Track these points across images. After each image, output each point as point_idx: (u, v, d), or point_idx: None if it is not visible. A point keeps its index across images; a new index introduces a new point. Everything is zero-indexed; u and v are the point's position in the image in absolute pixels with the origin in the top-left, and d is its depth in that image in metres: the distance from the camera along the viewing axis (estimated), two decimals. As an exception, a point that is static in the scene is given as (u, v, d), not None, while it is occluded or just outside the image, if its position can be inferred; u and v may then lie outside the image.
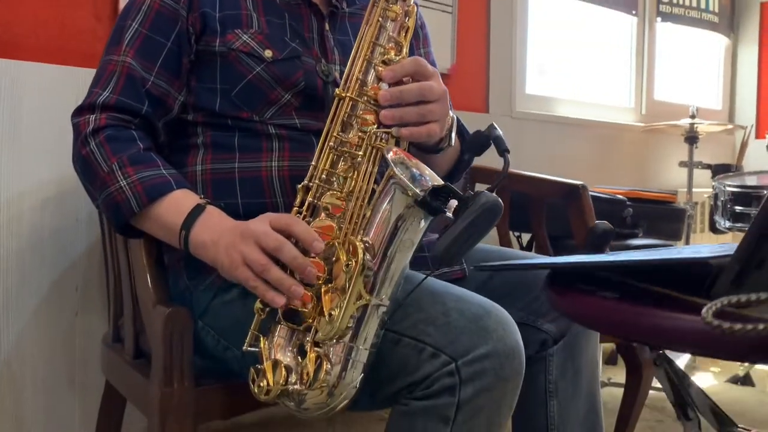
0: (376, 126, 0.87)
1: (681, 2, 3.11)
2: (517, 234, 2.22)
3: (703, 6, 3.19)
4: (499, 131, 0.87)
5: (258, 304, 0.83)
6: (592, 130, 2.78)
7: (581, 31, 2.86)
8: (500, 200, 0.70)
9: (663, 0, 3.05)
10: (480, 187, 2.05)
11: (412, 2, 0.94)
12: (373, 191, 0.85)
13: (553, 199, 1.91)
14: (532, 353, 1.05)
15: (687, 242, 2.67)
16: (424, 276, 0.85)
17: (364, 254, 0.77)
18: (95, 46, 1.61)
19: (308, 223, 0.85)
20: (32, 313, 1.54)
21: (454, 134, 1.00)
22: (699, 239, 2.94)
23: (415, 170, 0.82)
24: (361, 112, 0.88)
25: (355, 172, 0.86)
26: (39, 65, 1.53)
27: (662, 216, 2.41)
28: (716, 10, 3.25)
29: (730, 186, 2.29)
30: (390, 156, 0.81)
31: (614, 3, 2.85)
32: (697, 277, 0.41)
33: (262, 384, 0.80)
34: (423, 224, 0.78)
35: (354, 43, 0.93)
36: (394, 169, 0.77)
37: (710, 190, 2.74)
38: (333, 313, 0.77)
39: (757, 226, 0.36)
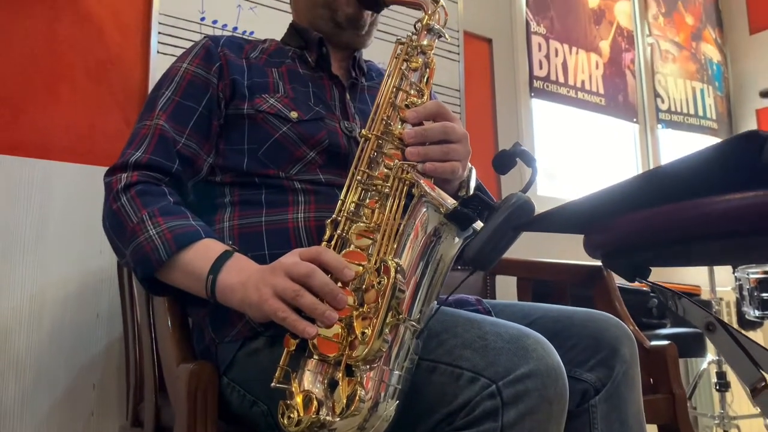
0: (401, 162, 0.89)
1: (679, 110, 3.24)
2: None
3: (701, 113, 3.32)
4: (524, 147, 0.88)
5: (288, 337, 0.81)
6: (607, 231, 2.79)
7: (587, 135, 2.96)
8: (531, 200, 0.70)
9: (662, 109, 3.18)
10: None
11: (431, 54, 0.99)
12: (404, 214, 0.85)
13: (576, 283, 1.89)
14: (574, 406, 0.99)
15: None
16: (443, 298, 0.82)
17: (396, 273, 0.76)
18: (122, 147, 1.68)
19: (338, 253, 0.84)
20: (47, 412, 1.49)
21: (472, 183, 1.01)
22: (729, 339, 2.85)
23: (440, 199, 0.83)
24: (386, 152, 0.91)
25: (383, 205, 0.87)
26: (68, 165, 1.60)
27: (689, 308, 2.35)
28: (714, 117, 3.38)
29: (753, 274, 2.27)
30: (420, 180, 0.82)
31: (615, 111, 2.97)
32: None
33: (292, 415, 0.75)
34: (456, 241, 0.77)
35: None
36: (425, 187, 0.78)
37: (731, 287, 2.70)
38: (366, 331, 0.74)
39: None
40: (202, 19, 1.85)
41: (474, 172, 1.04)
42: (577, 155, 2.91)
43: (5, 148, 1.53)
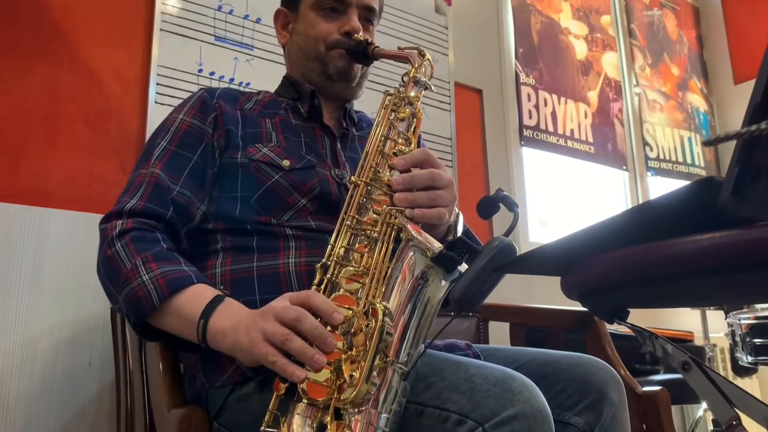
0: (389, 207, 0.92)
1: (668, 158, 3.30)
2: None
3: (689, 161, 3.38)
4: (505, 192, 0.91)
5: (277, 380, 0.82)
6: (599, 277, 2.81)
7: (577, 182, 3.01)
8: (513, 243, 0.73)
9: (650, 157, 3.23)
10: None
11: (418, 105, 1.03)
12: (392, 258, 0.87)
13: (568, 329, 1.90)
14: (563, 450, 1.00)
15: (712, 386, 2.57)
16: (428, 342, 0.84)
17: (383, 316, 0.78)
18: (118, 195, 1.71)
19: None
20: (36, 462, 1.47)
21: (459, 227, 1.04)
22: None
23: (427, 243, 0.85)
24: (375, 198, 0.93)
25: (372, 249, 0.89)
26: (64, 212, 1.62)
27: (682, 354, 2.36)
28: (702, 164, 3.44)
29: (745, 320, 2.28)
30: (407, 225, 0.85)
31: (604, 159, 3.03)
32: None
33: (282, 459, 0.76)
34: (443, 284, 0.79)
35: None
36: (412, 232, 0.80)
37: (724, 332, 2.71)
38: (354, 374, 0.76)
39: (747, 131, 0.38)
40: (200, 70, 1.90)
41: (461, 217, 1.06)
42: (569, 202, 2.95)
43: (4, 196, 1.56)
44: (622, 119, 3.16)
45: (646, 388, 1.67)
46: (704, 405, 2.56)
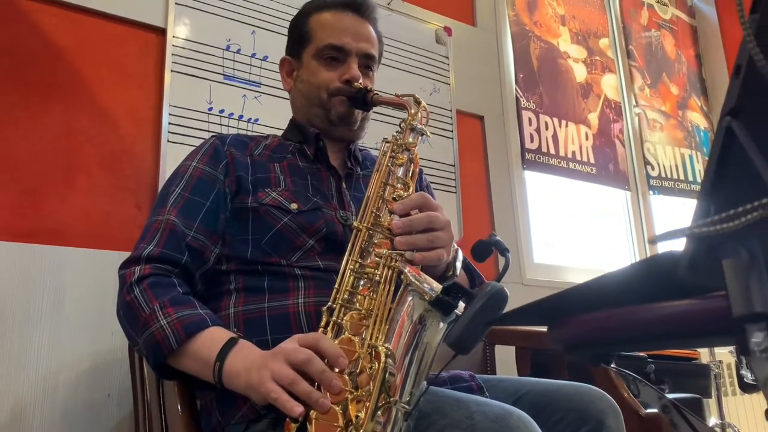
0: (391, 251, 0.98)
1: (670, 176, 3.35)
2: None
3: (691, 179, 3.42)
4: (498, 237, 0.97)
5: (288, 421, 0.87)
6: (604, 296, 2.85)
7: (580, 203, 3.06)
8: (505, 289, 0.78)
9: (652, 175, 3.28)
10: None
11: (415, 150, 1.09)
12: (390, 310, 0.93)
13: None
14: (563, 479, 1.05)
15: (719, 402, 2.60)
16: (433, 376, 0.89)
17: (386, 358, 0.83)
18: (135, 232, 1.77)
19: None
20: (58, 493, 1.53)
21: (458, 264, 1.10)
22: (732, 402, 2.86)
23: (426, 285, 0.91)
24: (376, 241, 0.99)
25: (374, 291, 0.95)
26: (83, 251, 1.69)
27: (686, 372, 2.40)
28: (704, 182, 3.48)
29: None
30: (406, 269, 0.90)
31: (606, 180, 3.08)
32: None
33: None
34: (441, 326, 0.85)
35: None
36: (410, 277, 0.86)
37: (729, 350, 2.74)
38: (359, 415, 0.81)
39: (701, 205, 0.43)
40: (210, 108, 1.98)
41: (460, 252, 1.12)
42: (572, 223, 3.00)
43: (24, 235, 1.63)
44: (623, 139, 3.21)
45: (649, 410, 1.71)
46: (712, 422, 2.59)
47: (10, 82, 1.69)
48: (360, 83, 1.24)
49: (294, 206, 1.15)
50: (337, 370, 0.88)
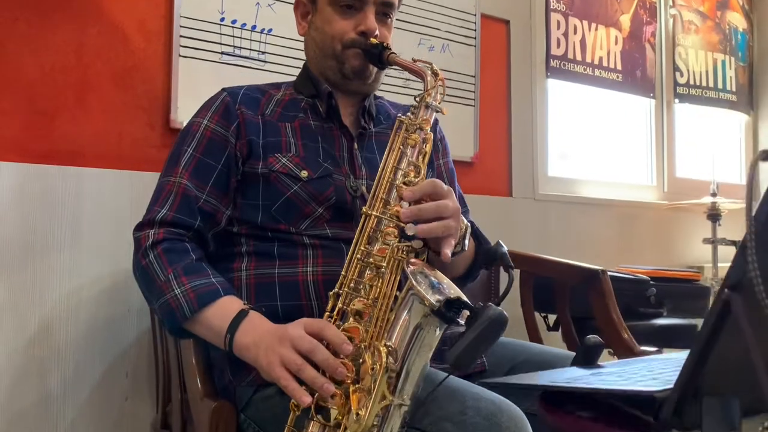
0: (398, 240, 0.99)
1: (698, 83, 3.23)
2: (543, 315, 2.28)
3: (720, 86, 3.30)
4: (505, 248, 0.97)
5: (293, 402, 0.94)
6: (615, 210, 2.86)
7: (600, 113, 2.99)
8: (505, 312, 0.81)
9: (680, 83, 3.17)
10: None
11: (429, 131, 1.07)
12: (396, 297, 0.96)
13: (574, 284, 1.99)
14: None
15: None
16: (446, 376, 0.94)
17: (387, 357, 0.88)
18: (148, 151, 1.79)
19: (338, 326, 0.96)
20: (86, 399, 1.66)
21: (467, 240, 1.11)
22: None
23: (433, 279, 0.93)
24: (384, 228, 1.00)
25: (380, 280, 0.97)
26: (99, 171, 1.71)
27: (686, 294, 2.46)
28: (734, 89, 3.36)
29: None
30: (409, 269, 0.92)
31: (632, 87, 2.98)
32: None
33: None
34: (438, 332, 0.88)
35: (379, 159, 1.07)
36: (413, 281, 0.88)
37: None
38: (360, 412, 0.87)
39: (691, 360, 0.44)
40: (222, 20, 1.90)
41: (470, 227, 1.13)
42: (591, 134, 2.95)
43: (40, 157, 1.64)
44: (654, 44, 3.07)
45: (643, 348, 1.78)
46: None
47: (14, -7, 1.63)
48: (377, 36, 1.19)
49: (304, 174, 1.15)
50: (342, 356, 0.93)
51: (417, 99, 1.10)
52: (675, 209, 2.97)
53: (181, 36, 1.83)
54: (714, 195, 2.72)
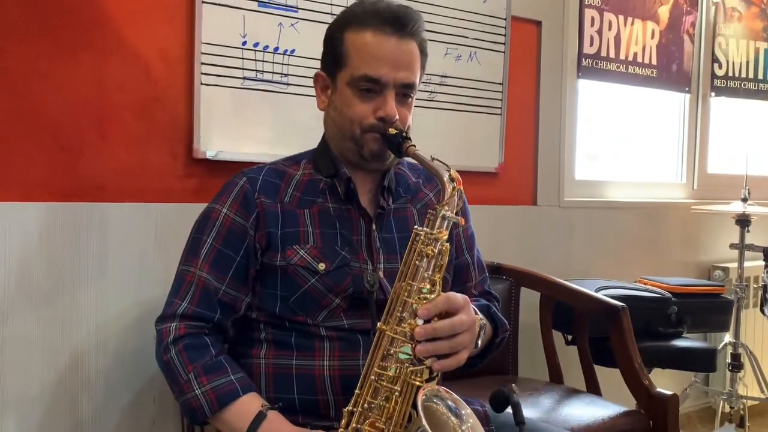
0: (410, 362, 1.00)
1: (737, 75, 3.11)
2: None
3: (760, 77, 3.17)
4: (517, 398, 0.97)
5: None
6: (641, 212, 2.82)
7: (631, 111, 2.90)
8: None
9: (718, 75, 3.05)
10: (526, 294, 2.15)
11: (444, 241, 1.06)
12: (410, 416, 0.98)
13: (593, 317, 2.00)
14: None
15: (736, 322, 2.65)
16: None
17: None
18: (171, 182, 1.80)
19: (352, 446, 0.99)
20: (115, 425, 1.74)
21: (479, 341, 1.13)
22: (750, 315, 2.93)
23: (450, 402, 0.96)
24: (399, 345, 1.02)
25: (393, 402, 1.00)
26: (122, 205, 1.73)
27: (709, 309, 2.45)
28: (774, 79, 3.23)
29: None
30: (421, 398, 0.94)
31: (666, 83, 2.88)
32: None
33: None
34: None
35: (397, 239, 1.07)
36: (423, 420, 0.90)
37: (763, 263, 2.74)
38: None
39: None
40: (244, 43, 1.87)
41: (483, 329, 1.15)
42: (620, 134, 2.88)
43: (66, 195, 1.66)
44: (692, 35, 2.94)
45: (659, 390, 1.80)
46: (726, 340, 2.68)
47: (35, 29, 1.61)
48: (396, 124, 1.17)
49: (322, 266, 1.16)
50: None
51: (432, 211, 1.08)
52: (703, 212, 2.91)
53: (202, 63, 1.80)
54: (744, 200, 2.66)
